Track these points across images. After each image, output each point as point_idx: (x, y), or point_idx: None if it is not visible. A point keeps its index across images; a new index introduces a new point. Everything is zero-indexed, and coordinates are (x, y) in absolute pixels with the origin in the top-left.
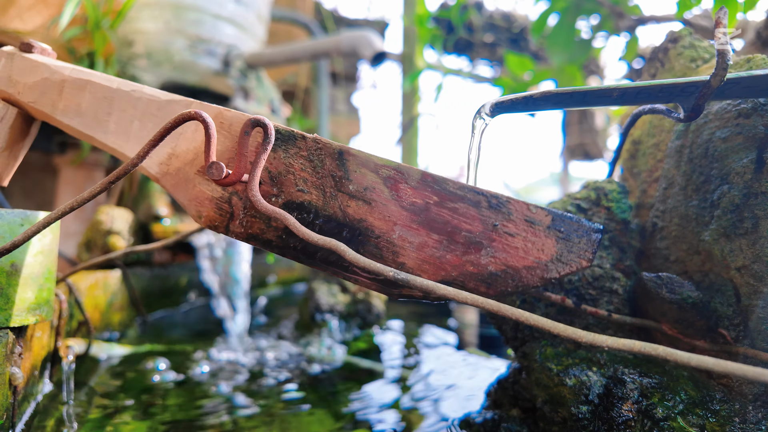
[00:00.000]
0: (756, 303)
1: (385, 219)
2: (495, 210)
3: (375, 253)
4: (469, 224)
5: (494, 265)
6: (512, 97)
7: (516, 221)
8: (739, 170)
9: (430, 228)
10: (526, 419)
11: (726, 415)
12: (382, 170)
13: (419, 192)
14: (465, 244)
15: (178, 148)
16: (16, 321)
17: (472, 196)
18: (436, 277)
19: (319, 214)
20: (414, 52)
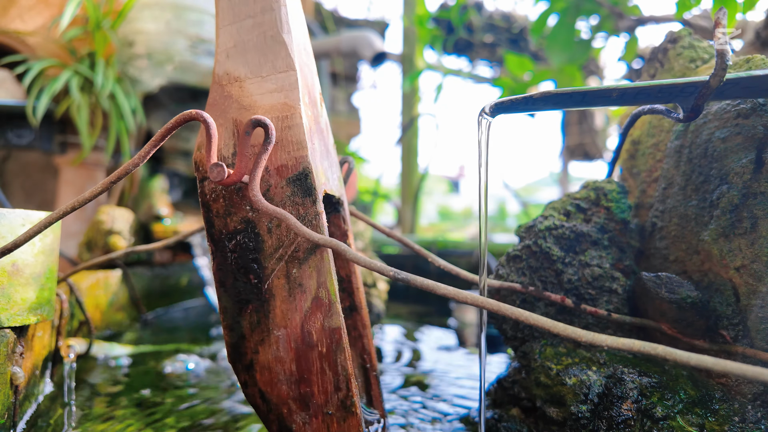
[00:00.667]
0: (755, 302)
1: (284, 317)
2: (342, 407)
3: (252, 322)
4: (318, 390)
5: (296, 429)
6: (512, 97)
7: (341, 430)
8: (738, 170)
9: (298, 359)
10: (526, 418)
11: (725, 414)
12: (322, 290)
13: (322, 334)
14: (300, 396)
15: (250, 82)
16: (17, 321)
17: (343, 383)
18: (262, 384)
19: (257, 256)
20: (414, 53)
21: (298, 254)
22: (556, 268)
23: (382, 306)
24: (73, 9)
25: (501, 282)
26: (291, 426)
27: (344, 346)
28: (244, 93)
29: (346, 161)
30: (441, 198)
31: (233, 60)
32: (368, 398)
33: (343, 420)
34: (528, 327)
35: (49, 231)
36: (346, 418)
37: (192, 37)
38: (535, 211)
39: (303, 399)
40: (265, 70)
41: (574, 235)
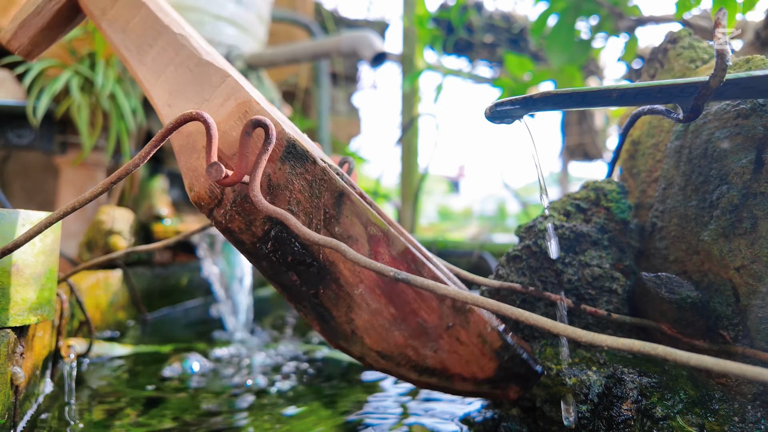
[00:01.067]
0: (755, 303)
1: (354, 272)
2: (456, 312)
3: (331, 297)
4: (426, 314)
5: (432, 361)
6: (512, 98)
7: (470, 332)
8: (738, 170)
9: (391, 301)
10: (526, 418)
11: (725, 415)
12: (371, 227)
13: (396, 263)
14: (415, 329)
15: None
16: (17, 321)
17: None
18: (375, 345)
19: (298, 239)
20: (414, 53)
21: (330, 213)
22: (556, 268)
23: None
24: None
25: (501, 282)
26: (426, 362)
27: (422, 260)
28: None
29: (346, 161)
30: (441, 198)
31: (176, 105)
32: None
33: (466, 322)
34: (528, 327)
35: (50, 231)
36: (467, 319)
37: None
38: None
39: (419, 331)
40: (206, 92)
41: (574, 235)
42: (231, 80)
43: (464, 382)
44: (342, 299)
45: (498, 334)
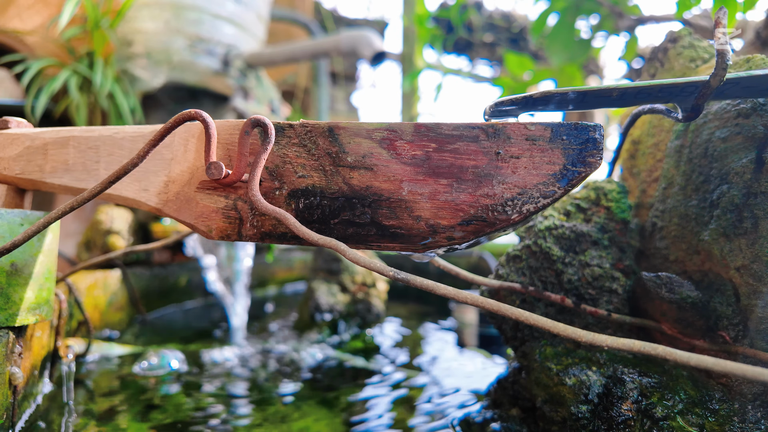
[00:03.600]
0: (755, 303)
1: (390, 180)
2: (494, 138)
3: (389, 215)
4: (473, 160)
5: (509, 191)
6: (512, 96)
7: (518, 143)
8: (738, 170)
9: (436, 175)
10: (526, 419)
11: (725, 415)
12: (375, 134)
13: (416, 144)
14: (475, 180)
15: (173, 172)
16: (16, 321)
17: (468, 132)
18: (455, 219)
19: (325, 193)
20: (413, 52)
21: (334, 151)
22: (556, 268)
23: (381, 306)
24: (72, 8)
25: (501, 282)
26: (504, 196)
27: (433, 122)
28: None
29: None
30: None
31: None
32: None
33: (508, 137)
34: (528, 327)
35: (48, 231)
36: (507, 135)
37: (191, 37)
38: None
39: (479, 177)
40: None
41: (574, 235)
42: (180, 130)
43: (549, 186)
44: (397, 207)
45: (541, 125)
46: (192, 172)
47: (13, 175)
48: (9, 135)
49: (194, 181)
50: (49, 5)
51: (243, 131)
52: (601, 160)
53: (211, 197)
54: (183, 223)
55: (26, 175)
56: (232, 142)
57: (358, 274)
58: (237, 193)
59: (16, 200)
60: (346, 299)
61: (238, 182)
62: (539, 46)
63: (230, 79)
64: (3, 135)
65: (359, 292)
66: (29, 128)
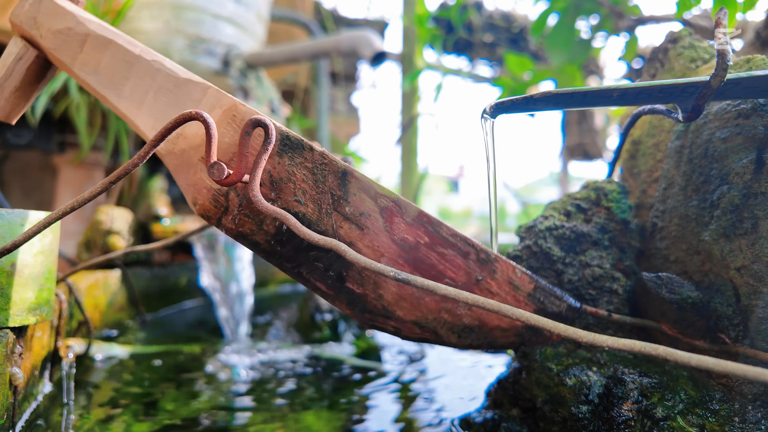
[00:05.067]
0: (756, 303)
1: (373, 248)
2: (482, 265)
3: (357, 279)
4: (453, 273)
5: (469, 319)
6: (512, 97)
7: (500, 281)
8: (738, 170)
9: (415, 267)
10: (526, 419)
11: (726, 415)
12: (381, 199)
13: (412, 229)
14: None
15: (188, 129)
16: (16, 321)
17: (463, 245)
18: (410, 315)
19: (311, 228)
20: (414, 52)
21: (337, 195)
22: (556, 268)
23: None
24: None
25: None
26: (463, 321)
27: (437, 220)
28: (189, 138)
29: (345, 161)
30: (441, 198)
31: None
32: None
33: (494, 272)
34: None
35: (48, 231)
36: (494, 268)
37: (191, 37)
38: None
39: None
40: (190, 109)
41: (575, 236)
42: (212, 90)
43: (505, 333)
44: (367, 277)
45: (528, 277)
46: (203, 140)
47: (47, 47)
48: (59, 7)
49: (202, 149)
50: None
51: (243, 131)
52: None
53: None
54: (176, 181)
55: (58, 54)
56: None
57: None
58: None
59: (40, 70)
60: None
61: (238, 183)
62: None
63: (230, 79)
64: (54, 4)
65: None
66: (80, 8)
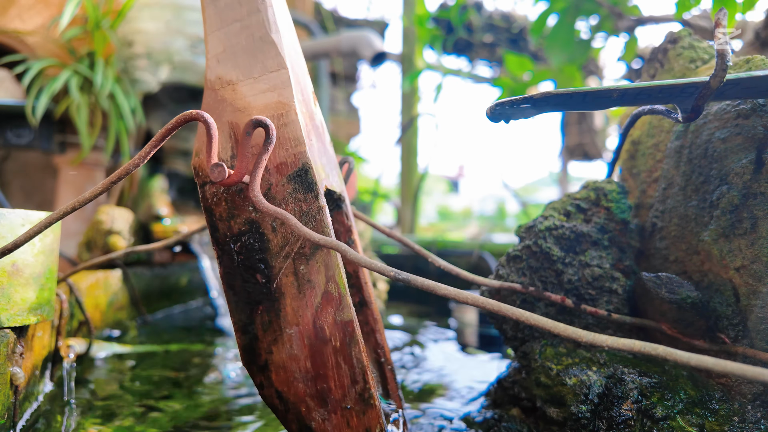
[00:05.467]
0: (755, 303)
1: (296, 314)
2: (360, 399)
3: (264, 322)
4: (334, 385)
5: (316, 426)
6: (512, 98)
7: (361, 423)
8: (738, 171)
9: (312, 355)
10: (527, 419)
11: (725, 415)
12: (331, 284)
13: (335, 328)
14: (318, 392)
15: (242, 85)
16: (17, 321)
17: (359, 374)
18: (278, 384)
19: (265, 255)
20: (413, 53)
21: (305, 250)
22: (556, 268)
23: (382, 306)
24: (73, 8)
25: (501, 282)
26: (310, 424)
27: (358, 338)
28: (237, 96)
29: (346, 161)
30: (440, 198)
31: (224, 64)
32: (385, 391)
33: (363, 413)
34: (528, 327)
35: (49, 231)
36: (365, 411)
37: (191, 37)
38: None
39: (320, 395)
40: (256, 71)
41: (574, 236)
42: (284, 74)
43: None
44: (273, 329)
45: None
46: (244, 108)
47: None
48: None
49: (239, 111)
50: (50, 6)
51: (244, 132)
52: None
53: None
54: (204, 107)
55: None
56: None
57: None
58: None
59: None
60: None
61: (240, 184)
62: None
63: None
64: None
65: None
66: None
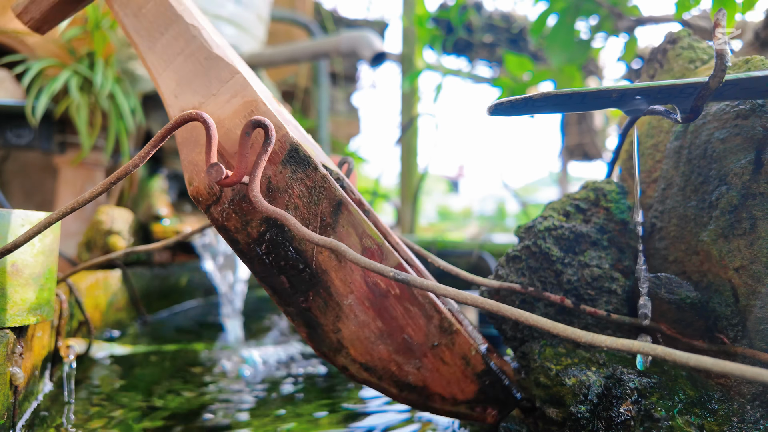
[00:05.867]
0: (754, 303)
1: (345, 283)
2: (443, 332)
3: (320, 305)
4: (413, 330)
5: (414, 378)
6: (512, 98)
7: (455, 353)
8: (737, 171)
9: (379, 314)
10: (526, 419)
11: (724, 415)
12: (366, 239)
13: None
14: (401, 345)
15: (206, 105)
16: (17, 321)
17: (429, 308)
18: (360, 357)
19: (292, 243)
20: (413, 53)
21: (327, 221)
22: (555, 268)
23: None
24: None
25: (501, 282)
26: (408, 379)
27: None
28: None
29: (345, 161)
30: (440, 198)
31: (183, 95)
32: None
33: (452, 343)
34: (527, 327)
35: (49, 231)
36: (453, 340)
37: None
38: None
39: (404, 347)
40: (214, 87)
41: (574, 236)
42: (240, 77)
43: (443, 402)
44: (331, 308)
45: (482, 358)
46: (218, 122)
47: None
48: None
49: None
50: None
51: (244, 132)
52: (495, 421)
53: None
54: (179, 153)
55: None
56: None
57: None
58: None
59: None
60: None
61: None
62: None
63: None
64: None
65: None
66: None
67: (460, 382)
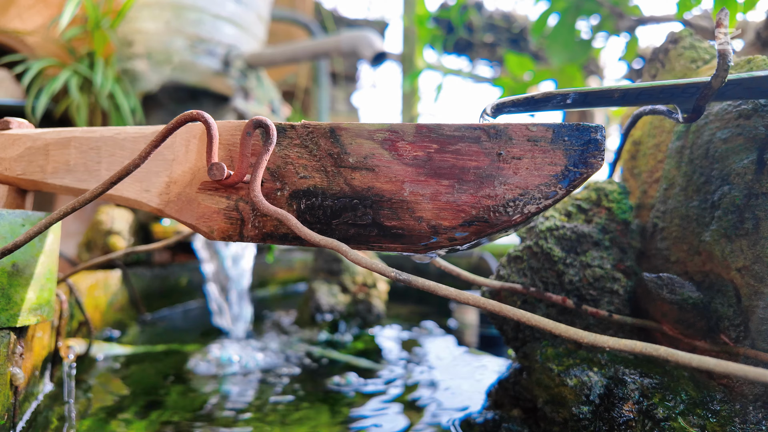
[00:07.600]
0: (756, 304)
1: (392, 181)
2: (496, 139)
3: (391, 216)
4: (475, 161)
5: (510, 192)
6: (513, 97)
7: (519, 144)
8: (739, 171)
9: (438, 176)
10: (527, 419)
11: (726, 416)
12: (376, 135)
13: (418, 145)
14: (476, 181)
15: (174, 173)
16: (17, 321)
17: (470, 133)
18: (457, 220)
19: (327, 194)
20: (414, 52)
21: (335, 152)
22: (557, 268)
23: (382, 306)
24: (73, 8)
25: (502, 283)
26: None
27: (435, 123)
28: (179, 179)
29: None
30: None
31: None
32: None
33: (510, 138)
34: (529, 328)
35: (49, 231)
36: (509, 136)
37: (191, 37)
38: None
39: (480, 179)
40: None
41: (576, 236)
42: (181, 130)
43: (550, 186)
44: (399, 208)
45: (543, 127)
46: (194, 173)
47: (15, 176)
48: (10, 136)
49: (196, 181)
50: (50, 6)
51: (245, 132)
52: (603, 161)
53: (212, 198)
54: (185, 224)
55: (28, 175)
56: (233, 143)
57: (358, 275)
58: (239, 193)
59: (17, 201)
60: (346, 300)
61: (239, 183)
62: (539, 47)
63: (231, 80)
64: (4, 136)
65: (360, 293)
66: (30, 129)
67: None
